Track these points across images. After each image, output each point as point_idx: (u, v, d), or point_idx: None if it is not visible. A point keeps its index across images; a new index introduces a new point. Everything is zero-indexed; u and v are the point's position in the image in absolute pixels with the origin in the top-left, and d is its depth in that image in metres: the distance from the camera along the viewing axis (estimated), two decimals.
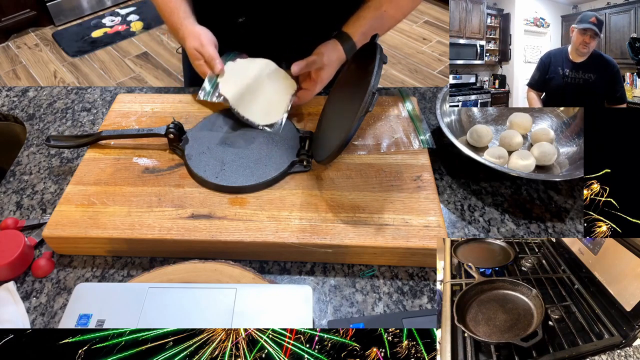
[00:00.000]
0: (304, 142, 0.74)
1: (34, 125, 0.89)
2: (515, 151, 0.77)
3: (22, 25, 2.88)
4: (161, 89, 0.97)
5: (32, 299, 0.62)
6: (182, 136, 0.75)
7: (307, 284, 0.63)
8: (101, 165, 0.74)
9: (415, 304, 0.61)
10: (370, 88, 0.57)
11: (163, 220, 0.65)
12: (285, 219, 0.65)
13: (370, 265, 0.65)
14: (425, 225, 0.64)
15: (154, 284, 0.57)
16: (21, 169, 0.80)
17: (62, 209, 0.67)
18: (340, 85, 0.76)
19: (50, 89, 0.98)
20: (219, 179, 0.69)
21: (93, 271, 0.65)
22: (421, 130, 0.79)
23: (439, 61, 2.61)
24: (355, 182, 0.70)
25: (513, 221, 0.71)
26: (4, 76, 2.58)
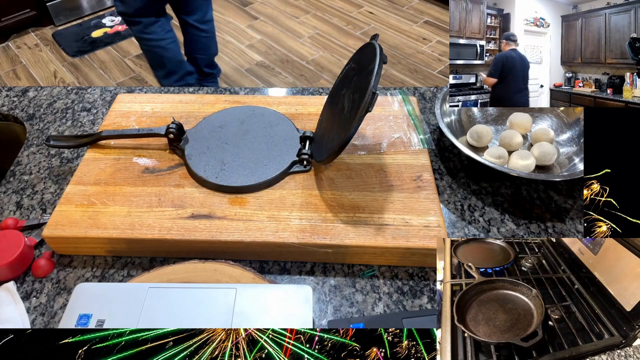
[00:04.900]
0: (304, 142, 0.74)
1: (34, 125, 0.89)
2: (515, 151, 0.77)
3: (22, 25, 2.88)
4: (161, 89, 0.97)
5: (32, 299, 0.62)
6: (182, 136, 0.75)
7: (307, 284, 0.63)
8: (101, 165, 0.74)
9: (415, 304, 0.61)
10: (370, 88, 0.57)
11: (163, 220, 0.65)
12: (285, 219, 0.65)
13: (370, 265, 0.65)
14: (425, 225, 0.64)
15: (154, 284, 0.57)
16: (21, 169, 0.80)
17: (62, 209, 0.67)
18: (341, 85, 0.76)
19: (50, 89, 0.98)
20: (219, 179, 0.69)
21: (93, 271, 0.65)
22: (421, 130, 0.79)
23: (439, 61, 2.61)
24: (355, 182, 0.70)
25: (513, 221, 0.71)
26: (4, 76, 2.58)
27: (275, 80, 2.51)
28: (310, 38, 2.83)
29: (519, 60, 0.74)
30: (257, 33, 2.89)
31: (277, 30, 2.90)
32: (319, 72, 2.56)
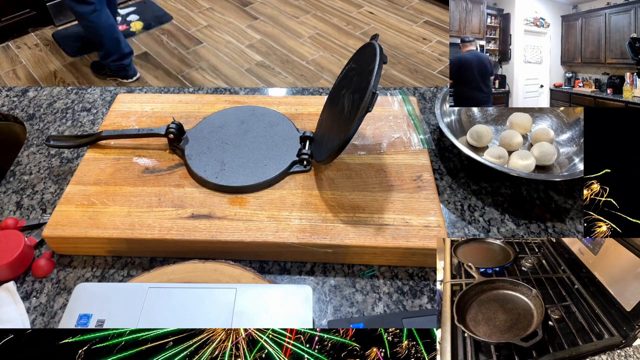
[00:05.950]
0: (304, 142, 0.74)
1: (34, 125, 0.89)
2: (515, 151, 0.77)
3: (22, 25, 2.88)
4: (161, 89, 0.97)
5: (32, 299, 0.62)
6: (182, 136, 0.75)
7: (307, 284, 0.63)
8: (101, 165, 0.74)
9: (415, 304, 0.61)
10: (370, 88, 0.57)
11: (163, 220, 0.65)
12: (285, 219, 0.65)
13: (370, 265, 0.65)
14: (425, 225, 0.64)
15: (154, 284, 0.57)
16: (21, 169, 0.80)
17: (62, 209, 0.67)
18: (340, 85, 0.76)
19: (50, 89, 0.98)
20: (219, 179, 0.69)
21: (93, 271, 0.65)
22: (421, 130, 0.79)
23: (439, 61, 2.61)
24: (355, 182, 0.70)
25: (513, 221, 0.71)
26: (4, 76, 2.58)
27: (275, 80, 2.51)
28: (310, 38, 2.83)
29: (475, 60, 0.75)
30: (257, 33, 2.89)
31: (277, 30, 2.90)
32: (319, 72, 2.56)
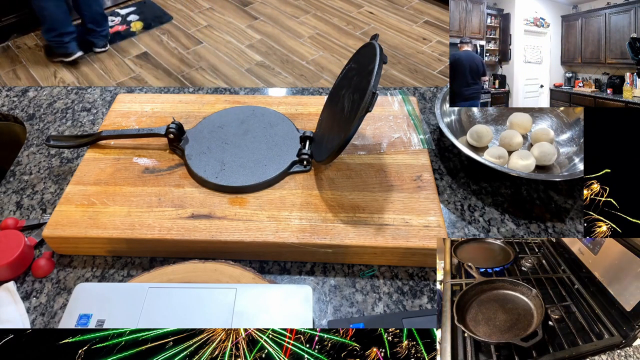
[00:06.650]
0: (304, 142, 0.74)
1: (34, 125, 0.89)
2: (515, 151, 0.77)
3: (22, 25, 2.88)
4: (161, 89, 0.97)
5: (32, 299, 0.62)
6: (182, 136, 0.75)
7: (307, 284, 0.63)
8: (101, 165, 0.74)
9: (415, 304, 0.61)
10: (370, 88, 0.57)
11: (163, 220, 0.65)
12: (285, 219, 0.65)
13: (370, 265, 0.65)
14: (425, 225, 0.64)
15: (154, 284, 0.57)
16: (21, 169, 0.80)
17: (62, 209, 0.67)
18: (341, 85, 0.76)
19: (50, 89, 0.98)
20: (219, 179, 0.69)
21: (93, 271, 0.65)
22: (421, 130, 0.79)
23: (439, 61, 2.61)
24: (355, 182, 0.70)
25: (513, 221, 0.71)
26: (4, 76, 2.58)
27: (275, 80, 2.51)
28: (310, 38, 2.83)
29: (467, 58, 0.80)
30: (257, 33, 2.89)
31: (277, 30, 2.90)
32: (319, 72, 2.56)
